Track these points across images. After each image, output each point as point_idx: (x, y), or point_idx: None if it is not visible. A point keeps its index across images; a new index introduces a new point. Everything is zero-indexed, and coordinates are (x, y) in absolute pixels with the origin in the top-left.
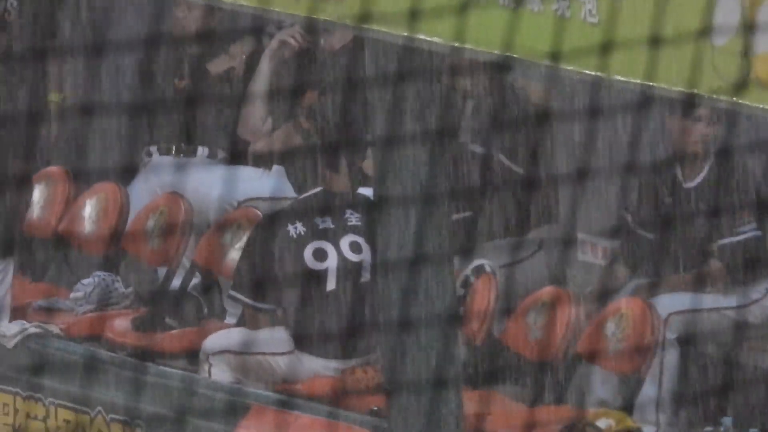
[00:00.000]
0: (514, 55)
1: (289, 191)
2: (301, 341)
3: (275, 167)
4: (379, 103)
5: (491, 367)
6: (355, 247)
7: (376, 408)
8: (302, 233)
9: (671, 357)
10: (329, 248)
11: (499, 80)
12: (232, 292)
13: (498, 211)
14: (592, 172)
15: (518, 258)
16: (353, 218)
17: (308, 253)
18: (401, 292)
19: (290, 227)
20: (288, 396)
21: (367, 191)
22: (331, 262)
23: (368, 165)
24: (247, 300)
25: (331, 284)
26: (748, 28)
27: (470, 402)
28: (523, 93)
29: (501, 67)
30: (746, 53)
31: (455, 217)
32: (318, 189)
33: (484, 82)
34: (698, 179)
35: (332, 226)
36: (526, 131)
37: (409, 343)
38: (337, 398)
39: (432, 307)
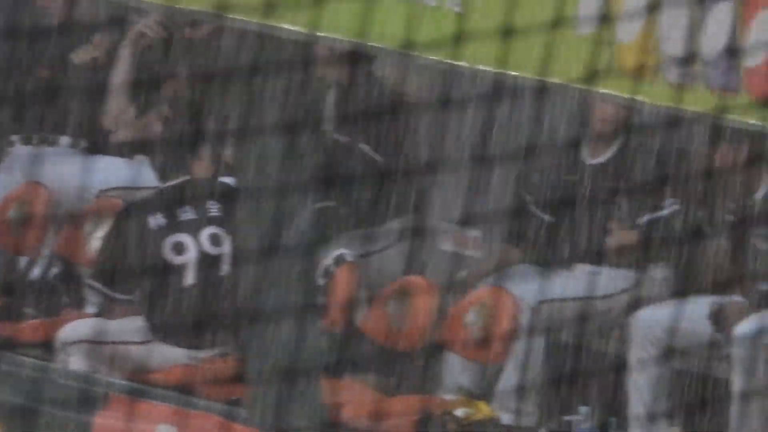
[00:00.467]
0: (374, 44)
1: (152, 180)
2: (159, 331)
3: (137, 156)
4: (239, 93)
5: (351, 356)
6: (215, 240)
7: (235, 397)
8: (162, 225)
9: (536, 345)
10: (188, 241)
11: (362, 69)
12: (90, 281)
13: (360, 201)
14: (453, 161)
15: (379, 247)
16: (214, 209)
17: (167, 246)
18: (261, 281)
19: (150, 219)
20: (145, 385)
21: (229, 180)
22: (190, 256)
23: (231, 154)
24: (104, 289)
25: (189, 278)
26: (611, 18)
27: (329, 391)
28: (386, 82)
29: (364, 56)
30: (610, 42)
31: (317, 206)
32: (182, 179)
33: (346, 71)
34: (604, 157)
35: (193, 217)
36: (389, 120)
37: (269, 333)
38: (195, 387)
39: (292, 297)
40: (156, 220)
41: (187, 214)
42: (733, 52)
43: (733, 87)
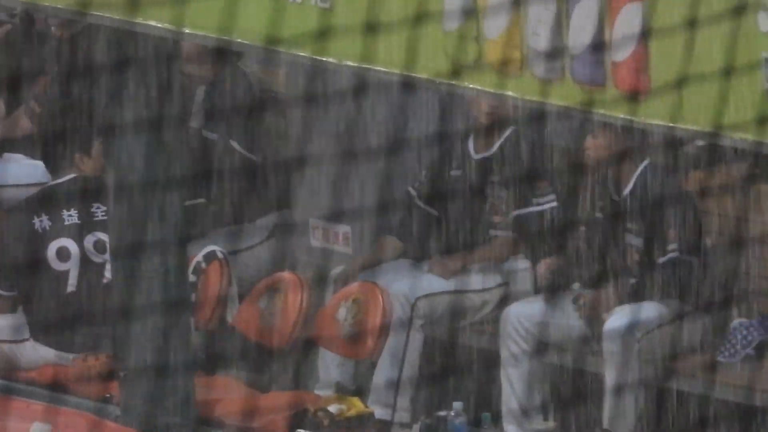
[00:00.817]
0: (241, 40)
1: (22, 178)
2: (36, 330)
3: (6, 155)
4: (106, 90)
5: (223, 352)
6: (100, 246)
7: (108, 395)
8: (47, 228)
9: (414, 341)
10: (73, 247)
11: (232, 66)
12: None
13: (230, 198)
14: (322, 157)
15: (250, 244)
16: (100, 213)
17: (52, 251)
18: (132, 278)
19: (36, 221)
20: (18, 383)
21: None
22: (73, 263)
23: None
24: None
25: (71, 286)
26: (477, 13)
27: (202, 388)
28: (256, 79)
29: (233, 53)
30: (477, 38)
31: (187, 203)
32: (69, 176)
33: (215, 67)
34: (490, 151)
35: (78, 221)
36: (259, 117)
37: (140, 330)
38: (69, 385)
39: (163, 294)
40: (41, 222)
41: (72, 217)
42: (599, 46)
43: (600, 81)
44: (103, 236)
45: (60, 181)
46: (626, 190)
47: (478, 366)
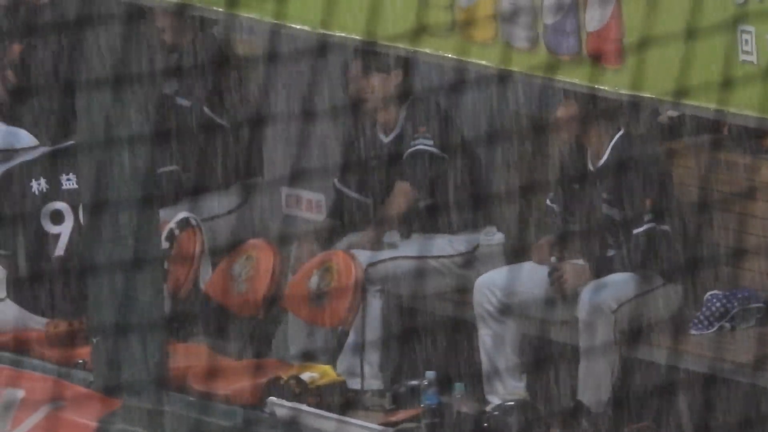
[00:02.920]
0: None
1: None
2: (13, 291)
3: None
4: (79, 55)
5: (195, 319)
6: None
7: (82, 360)
8: (45, 191)
9: (373, 309)
10: (67, 211)
11: (203, 32)
12: None
13: (204, 164)
14: (293, 123)
15: (223, 211)
16: None
17: (45, 213)
18: (106, 242)
19: (34, 183)
20: None
21: None
22: (66, 228)
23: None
24: None
25: (60, 250)
26: None
27: (174, 354)
28: (225, 44)
29: (204, 19)
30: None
31: (161, 170)
32: (69, 143)
33: (187, 34)
34: (395, 133)
35: (76, 186)
36: (231, 81)
37: (114, 295)
38: (43, 350)
39: (137, 259)
40: (39, 185)
41: (71, 182)
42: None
43: (573, 50)
44: None
45: (63, 145)
46: (601, 161)
47: (449, 333)
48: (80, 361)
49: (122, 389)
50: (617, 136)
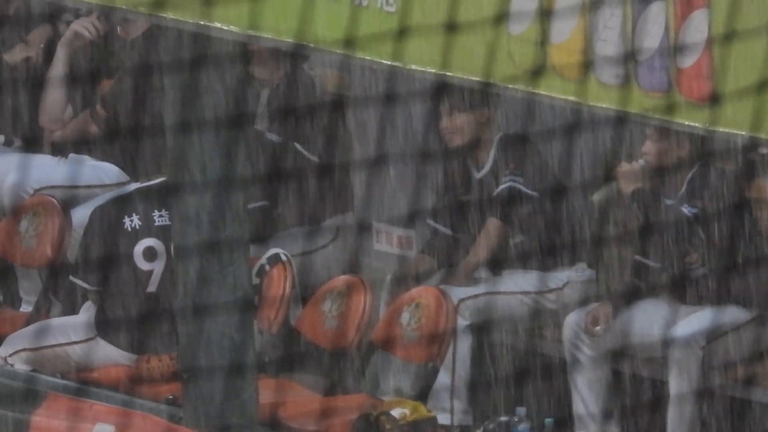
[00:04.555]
0: (309, 44)
1: (90, 179)
2: (105, 329)
3: (71, 155)
4: (173, 90)
5: (286, 355)
6: None
7: (171, 396)
8: (138, 227)
9: (464, 344)
10: (160, 248)
11: (295, 68)
12: (72, 278)
13: (294, 200)
14: (387, 161)
15: (314, 247)
16: None
17: (139, 250)
18: (197, 280)
19: (126, 219)
20: (83, 384)
21: None
22: (159, 264)
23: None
24: (83, 284)
25: (152, 286)
26: (545, 15)
27: (265, 391)
28: (318, 81)
29: (296, 55)
30: (543, 42)
31: (251, 205)
32: (160, 179)
33: (280, 70)
34: (486, 169)
35: (169, 222)
36: (321, 119)
37: (205, 332)
38: (133, 386)
39: (227, 296)
40: (132, 222)
41: (164, 219)
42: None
43: (664, 87)
44: None
45: (151, 183)
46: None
47: (541, 371)
48: (170, 396)
49: (213, 425)
50: (693, 170)
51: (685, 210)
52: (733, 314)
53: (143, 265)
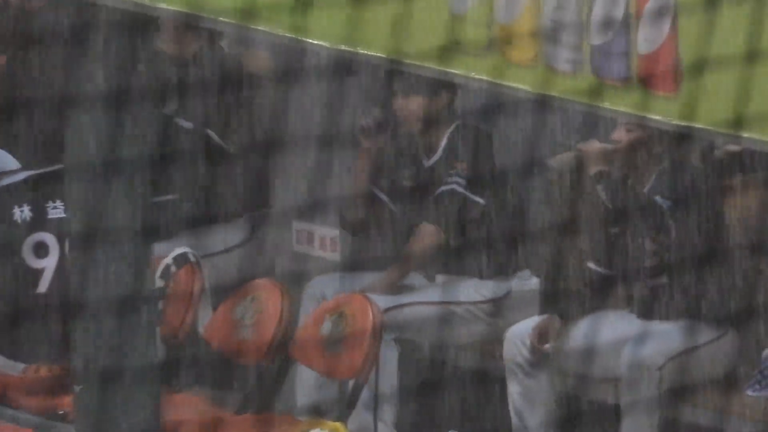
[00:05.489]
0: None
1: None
2: None
3: None
4: (74, 67)
5: (192, 367)
6: None
7: (62, 411)
8: (27, 219)
9: (389, 359)
10: (52, 243)
11: (211, 45)
12: None
13: (205, 194)
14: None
15: (227, 246)
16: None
17: (28, 245)
18: (92, 281)
19: (16, 209)
20: None
21: None
22: (51, 261)
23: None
24: None
25: (43, 286)
26: None
27: (168, 405)
28: (235, 60)
29: (211, 31)
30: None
31: (156, 199)
32: (56, 166)
33: (191, 45)
34: (436, 156)
35: (64, 215)
36: (238, 103)
37: (100, 338)
38: (18, 398)
39: (127, 299)
40: (22, 213)
41: (58, 210)
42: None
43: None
44: None
45: (45, 170)
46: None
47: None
48: (61, 411)
49: None
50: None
51: (659, 200)
52: (696, 330)
53: (33, 262)
